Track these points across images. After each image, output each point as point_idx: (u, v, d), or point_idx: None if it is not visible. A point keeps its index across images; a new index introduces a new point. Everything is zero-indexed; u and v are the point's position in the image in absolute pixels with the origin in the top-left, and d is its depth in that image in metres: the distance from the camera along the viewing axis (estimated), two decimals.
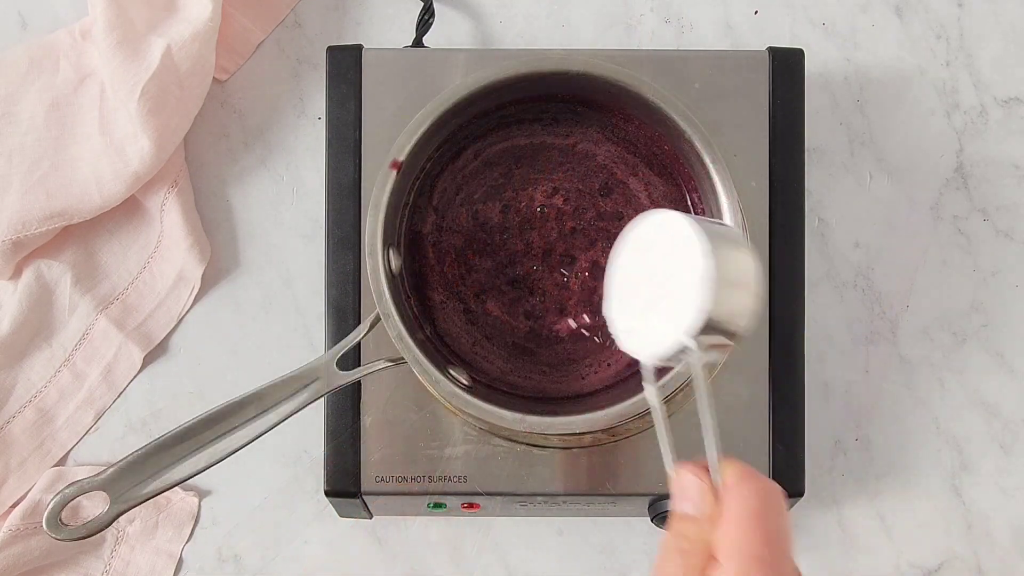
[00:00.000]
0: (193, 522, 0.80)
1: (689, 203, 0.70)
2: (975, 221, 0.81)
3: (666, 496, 0.69)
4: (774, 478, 0.70)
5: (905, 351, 0.81)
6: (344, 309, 0.71)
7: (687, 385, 0.67)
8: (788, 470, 0.71)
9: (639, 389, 0.64)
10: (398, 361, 0.66)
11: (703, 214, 0.68)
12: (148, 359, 0.81)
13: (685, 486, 0.50)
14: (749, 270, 0.52)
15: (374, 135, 0.71)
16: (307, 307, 0.81)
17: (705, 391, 0.51)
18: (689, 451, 0.53)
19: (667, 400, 0.67)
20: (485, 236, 0.72)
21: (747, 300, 0.52)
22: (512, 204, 0.72)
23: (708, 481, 0.50)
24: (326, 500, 0.72)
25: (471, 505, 0.72)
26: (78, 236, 0.81)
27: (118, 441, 0.81)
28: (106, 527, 0.62)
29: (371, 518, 0.76)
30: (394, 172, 0.66)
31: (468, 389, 0.65)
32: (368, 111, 0.72)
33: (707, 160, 0.66)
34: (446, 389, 0.65)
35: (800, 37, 0.82)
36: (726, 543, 0.48)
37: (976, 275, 0.81)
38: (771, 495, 0.48)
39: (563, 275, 0.71)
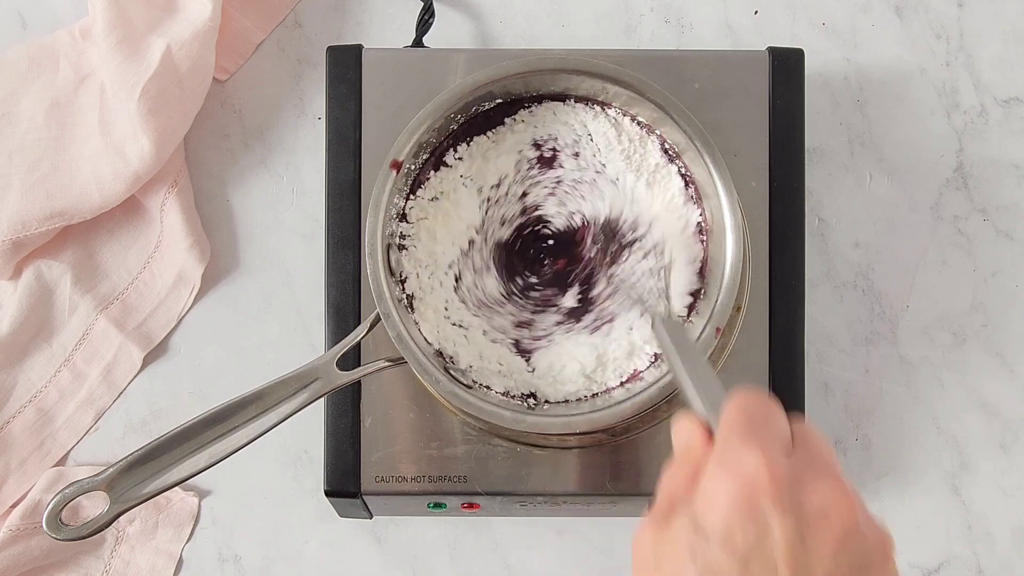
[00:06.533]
0: (193, 522, 0.80)
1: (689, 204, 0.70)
2: (975, 221, 0.81)
3: None
4: None
5: (905, 351, 0.81)
6: (344, 309, 0.71)
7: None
8: None
9: (639, 389, 0.65)
10: (398, 361, 0.66)
11: (703, 213, 0.68)
12: (148, 359, 0.81)
13: (679, 429, 0.54)
14: None
15: (374, 135, 0.71)
16: (307, 307, 0.81)
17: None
18: None
19: (669, 397, 0.67)
20: None
21: None
22: None
23: (699, 423, 0.54)
24: (326, 500, 0.72)
25: (471, 505, 0.72)
26: (78, 236, 0.81)
27: (118, 441, 0.81)
28: (106, 527, 0.62)
29: (371, 518, 0.76)
30: (394, 172, 0.66)
31: (468, 389, 0.65)
32: (368, 111, 0.72)
33: (707, 160, 0.66)
34: (446, 389, 0.65)
35: (800, 37, 0.82)
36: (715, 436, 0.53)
37: (976, 275, 0.81)
38: (753, 396, 0.53)
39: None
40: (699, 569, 0.48)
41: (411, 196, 0.68)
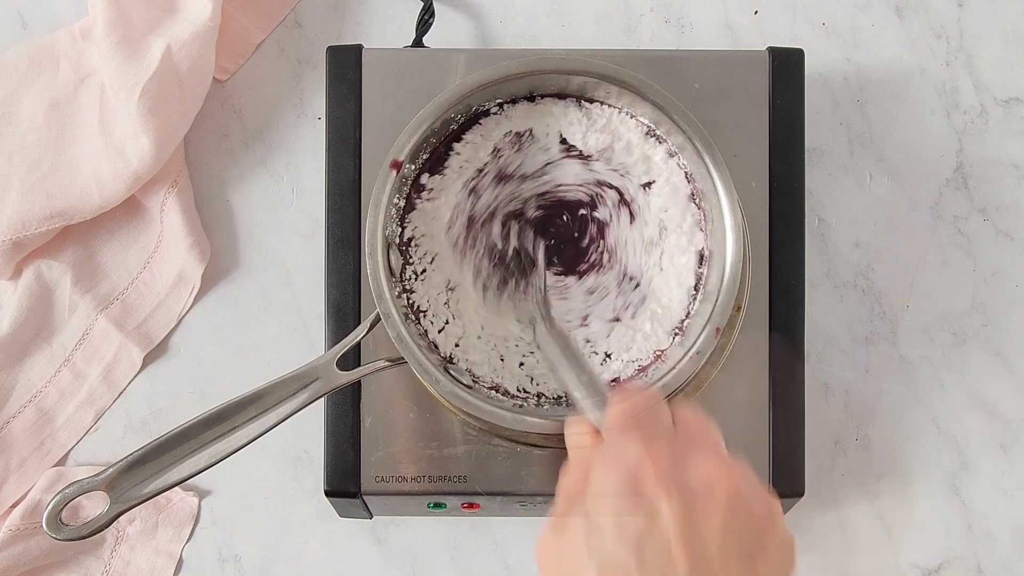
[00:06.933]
0: (193, 522, 0.80)
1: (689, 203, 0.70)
2: (975, 221, 0.81)
3: None
4: (774, 478, 0.70)
5: (905, 351, 0.81)
6: (344, 309, 0.71)
7: (688, 383, 0.67)
8: (788, 470, 0.71)
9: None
10: (398, 361, 0.66)
11: (703, 214, 0.68)
12: (148, 359, 0.81)
13: (570, 433, 0.58)
14: None
15: (374, 135, 0.71)
16: (307, 307, 0.81)
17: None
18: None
19: (669, 397, 0.67)
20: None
21: None
22: None
23: (588, 425, 0.58)
24: (326, 500, 0.72)
25: (471, 505, 0.72)
26: (78, 236, 0.81)
27: (118, 441, 0.81)
28: (106, 527, 0.62)
29: (371, 518, 0.76)
30: (394, 172, 0.66)
31: (468, 389, 0.65)
32: (368, 111, 0.72)
33: (707, 160, 0.66)
34: (446, 389, 0.65)
35: (800, 37, 0.82)
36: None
37: (976, 275, 0.81)
38: (633, 391, 0.56)
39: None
40: (597, 563, 0.50)
41: (406, 218, 0.68)
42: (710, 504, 0.50)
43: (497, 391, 0.67)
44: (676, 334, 0.67)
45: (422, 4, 0.79)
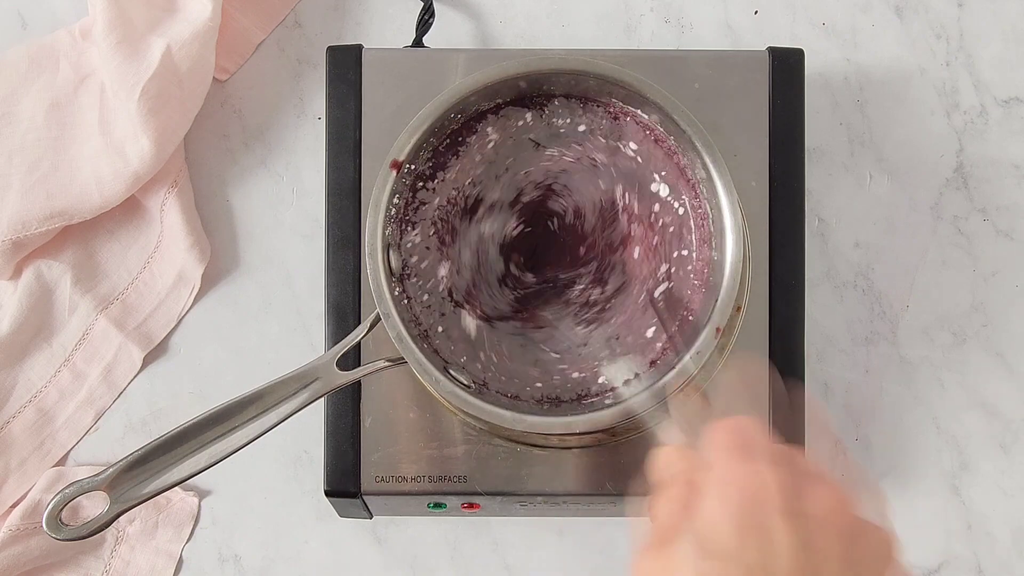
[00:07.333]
0: (193, 522, 0.80)
1: (689, 203, 0.70)
2: (975, 221, 0.81)
3: None
4: None
5: (905, 351, 0.81)
6: (344, 309, 0.71)
7: (688, 382, 0.67)
8: None
9: (639, 389, 0.65)
10: (398, 361, 0.66)
11: (703, 213, 0.68)
12: (148, 359, 0.81)
13: (663, 459, 0.55)
14: None
15: (374, 135, 0.71)
16: (307, 307, 0.81)
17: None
18: None
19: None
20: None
21: None
22: None
23: (684, 450, 0.55)
24: (326, 500, 0.72)
25: (471, 505, 0.72)
26: (78, 236, 0.81)
27: (118, 441, 0.81)
28: (106, 527, 0.62)
29: (371, 518, 0.76)
30: (394, 172, 0.66)
31: (468, 389, 0.65)
32: (368, 111, 0.72)
33: (707, 160, 0.66)
34: (446, 389, 0.64)
35: (800, 37, 0.82)
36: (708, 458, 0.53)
37: (976, 275, 0.81)
38: (735, 418, 0.53)
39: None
40: None
41: (408, 227, 0.68)
42: (828, 535, 0.48)
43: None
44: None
45: (422, 4, 0.79)
